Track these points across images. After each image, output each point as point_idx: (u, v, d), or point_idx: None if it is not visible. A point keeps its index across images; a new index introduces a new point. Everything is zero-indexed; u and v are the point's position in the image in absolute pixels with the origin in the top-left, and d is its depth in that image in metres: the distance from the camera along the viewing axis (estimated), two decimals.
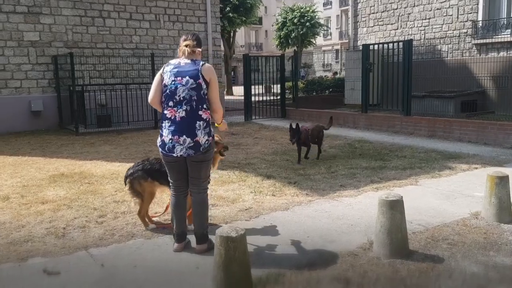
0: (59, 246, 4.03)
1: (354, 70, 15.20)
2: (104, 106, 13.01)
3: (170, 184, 3.90)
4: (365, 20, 17.81)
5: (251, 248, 3.73)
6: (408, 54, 10.88)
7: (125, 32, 13.85)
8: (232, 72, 41.52)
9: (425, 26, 15.64)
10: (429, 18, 15.51)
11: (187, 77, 3.67)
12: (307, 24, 36.74)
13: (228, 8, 28.69)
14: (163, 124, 3.72)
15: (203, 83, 3.67)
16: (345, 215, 4.81)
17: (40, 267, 3.58)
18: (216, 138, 4.11)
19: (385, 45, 12.23)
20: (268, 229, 4.42)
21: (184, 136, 3.62)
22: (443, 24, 15.08)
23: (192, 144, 3.62)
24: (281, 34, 38.00)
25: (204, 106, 3.70)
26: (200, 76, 3.67)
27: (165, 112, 3.71)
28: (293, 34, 37.11)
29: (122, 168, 7.39)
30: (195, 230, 3.85)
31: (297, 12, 37.08)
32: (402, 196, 3.73)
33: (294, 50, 17.94)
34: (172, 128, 3.65)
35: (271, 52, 40.32)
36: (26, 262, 3.70)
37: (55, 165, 7.63)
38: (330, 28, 53.33)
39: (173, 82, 3.69)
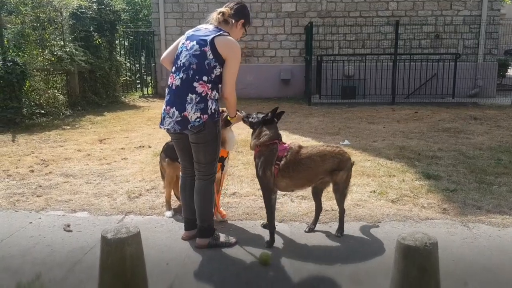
0: (117, 207, 4.20)
1: None
2: (351, 78, 12.71)
3: None
4: None
5: None
6: None
7: None
8: None
9: None
10: None
11: (194, 42, 3.12)
12: None
13: None
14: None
15: (209, 53, 3.05)
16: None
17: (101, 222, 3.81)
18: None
19: None
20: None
21: (174, 108, 3.10)
22: None
23: (179, 119, 3.08)
24: None
25: (204, 78, 3.05)
26: (209, 45, 3.05)
27: (169, 78, 3.26)
28: None
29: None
30: (197, 220, 3.32)
31: None
32: (434, 241, 2.17)
33: None
34: (168, 97, 3.19)
35: None
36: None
37: None
38: None
39: (182, 45, 3.22)
